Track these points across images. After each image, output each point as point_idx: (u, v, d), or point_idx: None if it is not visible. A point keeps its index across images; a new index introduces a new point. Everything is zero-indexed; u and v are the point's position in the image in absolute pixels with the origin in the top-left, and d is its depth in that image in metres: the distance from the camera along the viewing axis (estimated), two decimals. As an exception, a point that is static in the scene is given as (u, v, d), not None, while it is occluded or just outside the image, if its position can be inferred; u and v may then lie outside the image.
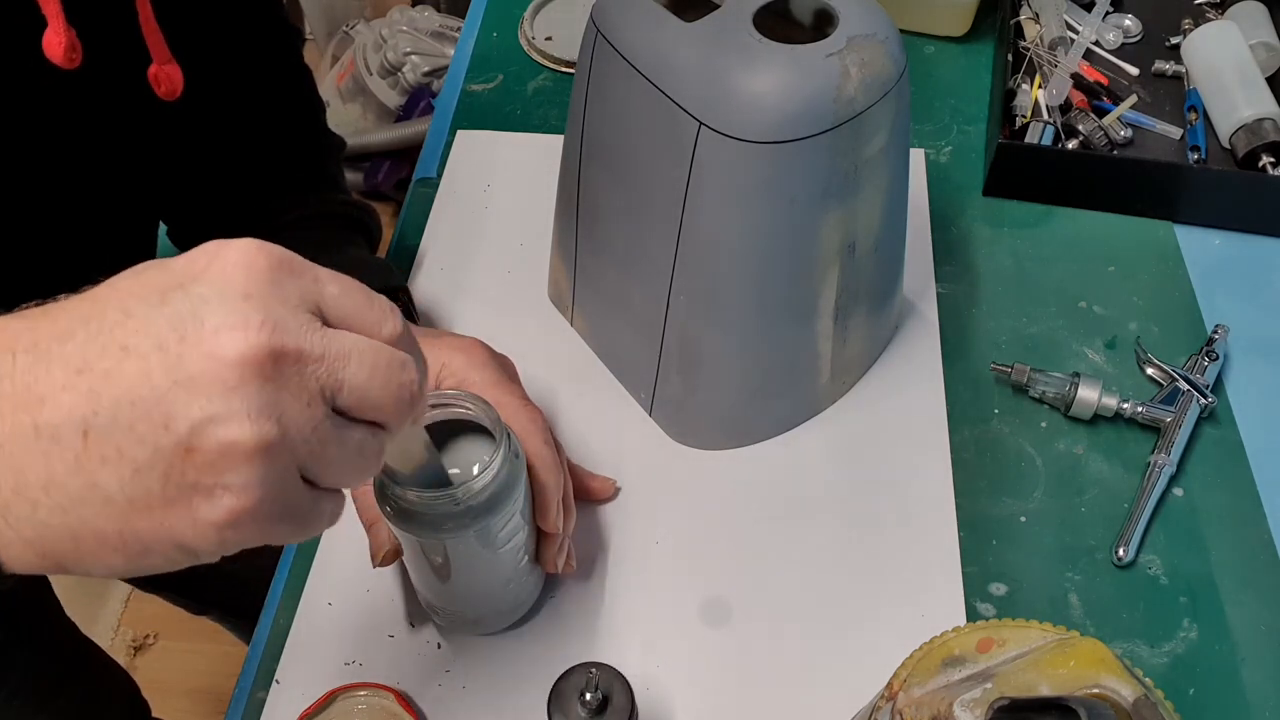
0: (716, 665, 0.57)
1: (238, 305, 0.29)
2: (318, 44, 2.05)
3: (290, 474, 0.31)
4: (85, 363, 0.28)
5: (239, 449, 0.29)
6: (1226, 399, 0.68)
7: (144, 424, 0.28)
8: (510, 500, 0.48)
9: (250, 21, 0.65)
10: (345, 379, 0.31)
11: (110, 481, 0.29)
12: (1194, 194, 0.77)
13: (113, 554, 0.30)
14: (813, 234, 0.57)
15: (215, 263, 0.30)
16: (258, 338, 0.29)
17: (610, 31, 0.57)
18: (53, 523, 0.29)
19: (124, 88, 0.53)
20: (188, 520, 0.29)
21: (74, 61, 0.46)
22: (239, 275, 0.29)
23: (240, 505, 0.29)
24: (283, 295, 0.30)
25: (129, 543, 0.30)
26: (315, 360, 0.30)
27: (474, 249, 0.77)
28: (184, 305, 0.29)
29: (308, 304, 0.31)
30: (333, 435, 0.31)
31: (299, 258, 0.31)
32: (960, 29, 0.92)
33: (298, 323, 0.30)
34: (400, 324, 0.34)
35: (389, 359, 0.32)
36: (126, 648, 1.43)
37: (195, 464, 0.29)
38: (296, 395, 0.30)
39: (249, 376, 0.28)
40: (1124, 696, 0.38)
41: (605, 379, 0.69)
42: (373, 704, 0.54)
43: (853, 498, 0.63)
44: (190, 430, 0.28)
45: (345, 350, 0.31)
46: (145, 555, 0.30)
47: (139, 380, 0.28)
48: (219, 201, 0.67)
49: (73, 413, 0.28)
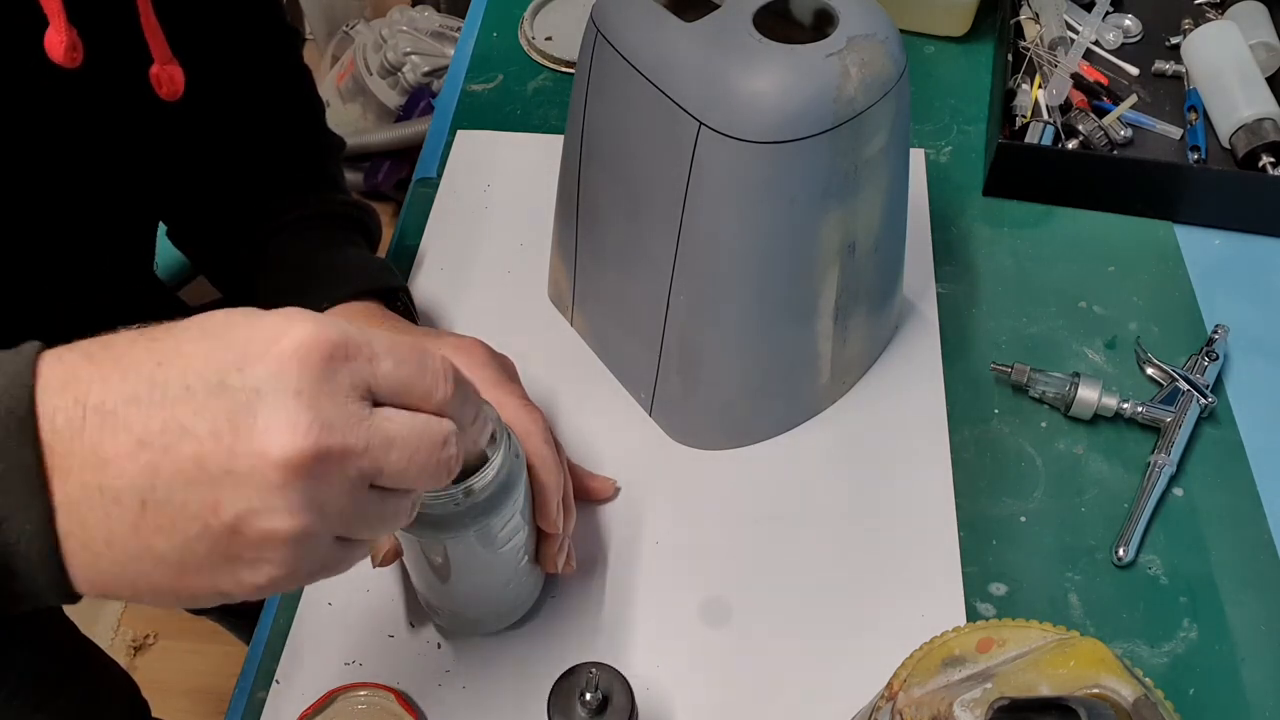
0: (716, 665, 0.57)
1: (288, 404, 0.31)
2: (318, 44, 2.05)
3: (325, 544, 0.33)
4: (148, 434, 0.31)
5: (279, 536, 0.31)
6: (1226, 399, 0.68)
7: (196, 504, 0.31)
8: (510, 500, 0.48)
9: (250, 22, 0.65)
10: (385, 466, 0.33)
11: (163, 547, 0.31)
12: (1194, 194, 0.77)
13: (167, 599, 0.33)
14: (813, 234, 0.57)
15: (274, 348, 0.31)
16: (304, 441, 0.31)
17: (610, 31, 0.57)
18: (113, 572, 0.32)
19: (125, 88, 0.53)
20: (232, 581, 0.33)
21: (75, 61, 0.46)
22: (293, 368, 0.31)
23: (280, 573, 0.33)
24: (332, 389, 0.32)
25: (179, 592, 0.33)
26: (358, 454, 0.32)
27: (474, 249, 0.77)
28: (240, 395, 0.31)
29: (359, 389, 0.33)
30: (369, 510, 0.34)
31: (356, 334, 0.33)
32: (960, 29, 0.92)
33: (344, 418, 0.32)
34: (450, 389, 0.35)
35: (430, 441, 0.34)
36: (126, 648, 1.43)
37: (239, 543, 0.32)
38: (337, 487, 0.32)
39: (291, 477, 0.31)
40: (1124, 696, 0.38)
41: (605, 379, 0.69)
42: (373, 704, 0.54)
43: (853, 497, 0.63)
44: (236, 518, 0.31)
45: (389, 439, 0.33)
46: (195, 601, 0.34)
47: (194, 465, 0.31)
48: (219, 201, 0.67)
49: (134, 482, 0.31)
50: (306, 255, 0.64)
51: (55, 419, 0.31)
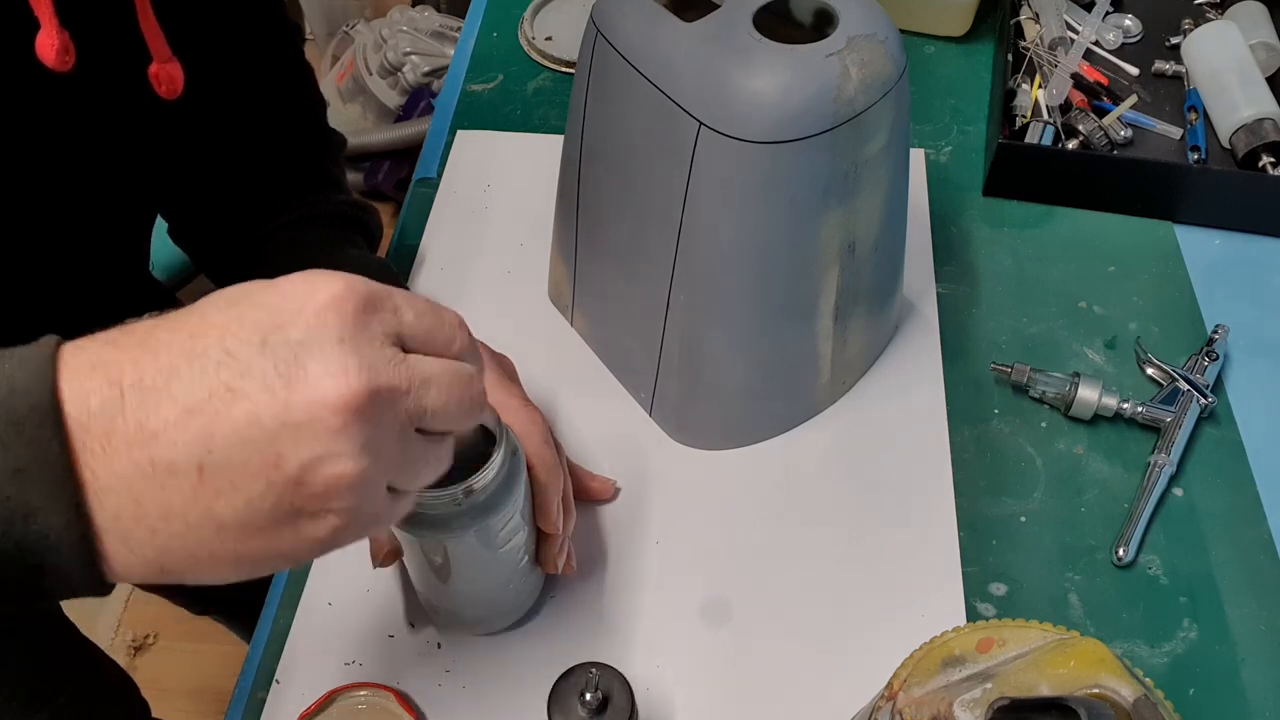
0: (716, 665, 0.57)
1: (334, 351, 0.32)
2: (318, 44, 2.05)
3: (381, 491, 0.34)
4: (195, 402, 0.31)
5: (344, 481, 0.32)
6: (1226, 399, 0.68)
7: (257, 461, 0.31)
8: (510, 500, 0.48)
9: (251, 20, 0.65)
10: (428, 405, 0.34)
11: (225, 510, 0.31)
12: (1194, 194, 0.77)
13: (226, 568, 0.33)
14: (813, 234, 0.57)
15: (309, 304, 0.32)
16: (356, 382, 0.31)
17: (610, 31, 0.57)
18: (172, 547, 0.32)
19: (122, 88, 0.53)
20: (294, 538, 0.33)
21: (67, 64, 0.45)
22: (332, 319, 0.32)
23: (341, 523, 0.33)
24: (370, 335, 0.33)
25: (241, 559, 0.33)
26: (403, 394, 0.33)
27: (474, 249, 0.77)
28: (284, 350, 0.31)
29: (390, 337, 0.34)
30: (419, 453, 0.35)
31: (379, 288, 0.34)
32: (960, 29, 0.92)
33: (385, 360, 0.33)
34: (466, 336, 0.37)
35: (459, 377, 0.36)
36: (126, 648, 1.43)
37: (304, 494, 0.32)
38: (389, 429, 0.33)
39: (350, 419, 0.31)
40: (1124, 696, 0.38)
41: (605, 379, 0.69)
42: (373, 704, 0.54)
43: (853, 497, 0.63)
44: (300, 468, 0.31)
45: (426, 377, 0.34)
46: (254, 568, 0.33)
47: (249, 422, 0.31)
48: (220, 200, 0.67)
49: (188, 451, 0.31)
50: (306, 254, 0.64)
51: (89, 402, 0.30)
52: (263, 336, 0.31)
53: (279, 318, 0.32)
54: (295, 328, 0.32)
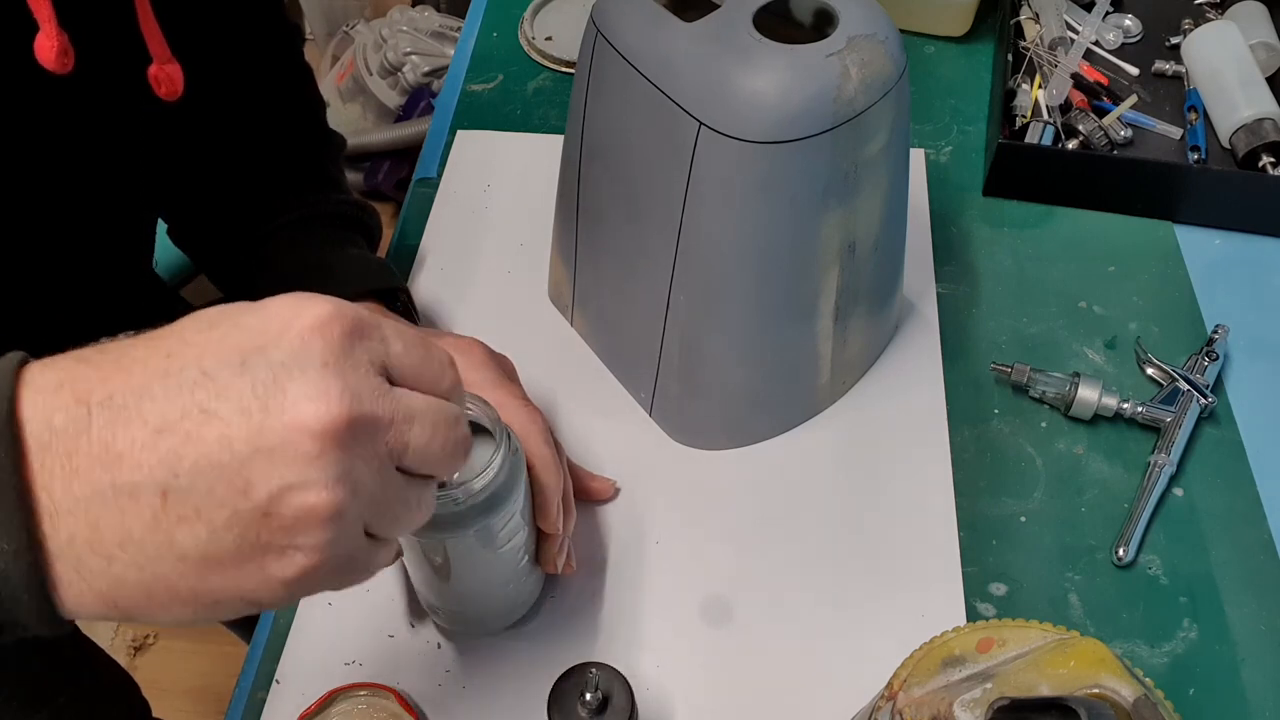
0: (716, 665, 0.57)
1: (317, 374, 0.30)
2: (318, 44, 2.05)
3: (357, 531, 0.32)
4: (165, 423, 0.29)
5: (316, 514, 0.30)
6: (1226, 399, 0.68)
7: (224, 488, 0.29)
8: (510, 500, 0.48)
9: (251, 20, 0.65)
10: (410, 441, 0.32)
11: (186, 540, 0.29)
12: (1194, 194, 0.77)
13: (182, 608, 0.31)
14: (813, 234, 0.57)
15: (293, 326, 0.31)
16: (337, 408, 0.30)
17: (610, 31, 0.57)
18: (127, 577, 0.30)
19: (121, 90, 0.53)
20: (259, 577, 0.31)
21: (66, 66, 0.45)
22: (317, 342, 0.30)
23: (310, 563, 0.31)
24: (355, 361, 0.31)
25: (200, 597, 0.31)
26: (385, 426, 0.32)
27: (474, 249, 0.77)
28: (264, 372, 0.30)
29: (376, 366, 0.32)
30: (398, 494, 0.33)
31: (368, 316, 0.33)
32: (960, 29, 0.92)
33: (370, 389, 0.31)
34: (455, 375, 0.36)
35: (445, 417, 0.34)
36: (126, 648, 1.43)
37: (271, 527, 0.30)
38: (369, 461, 0.31)
39: (328, 447, 0.30)
40: (1124, 696, 0.38)
41: (605, 379, 0.69)
42: (373, 704, 0.54)
43: (853, 498, 0.63)
44: (269, 497, 0.29)
45: (410, 413, 0.32)
46: (213, 609, 0.31)
47: (220, 446, 0.29)
48: (219, 201, 0.67)
49: (153, 473, 0.29)
50: (306, 255, 0.64)
51: (53, 420, 0.29)
52: (243, 358, 0.30)
53: (261, 339, 0.30)
54: (277, 349, 0.30)
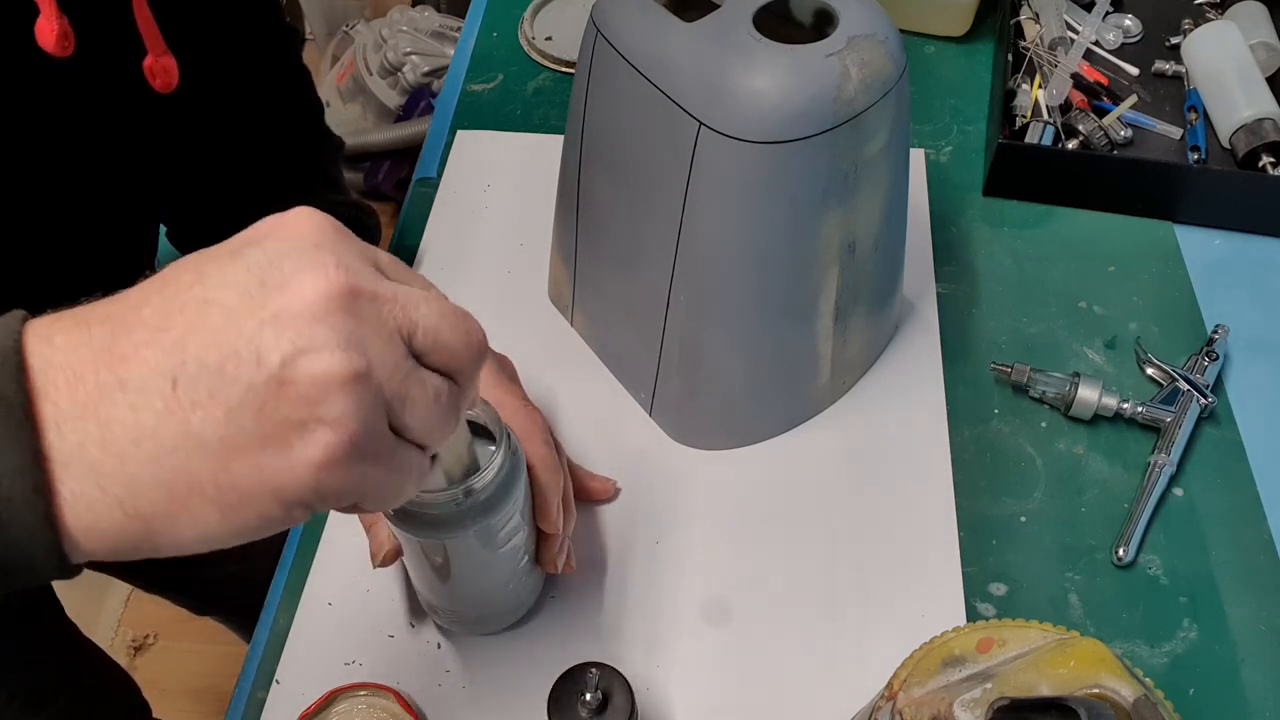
0: (716, 665, 0.57)
1: (312, 252, 0.30)
2: (318, 44, 2.05)
3: (379, 412, 0.30)
4: (166, 320, 0.29)
5: (332, 378, 0.29)
6: (1226, 399, 0.68)
7: (234, 363, 0.28)
8: (510, 500, 0.48)
9: (248, 21, 0.65)
10: (419, 320, 0.32)
11: (203, 425, 0.28)
12: (1194, 194, 0.77)
13: (208, 507, 0.29)
14: (813, 234, 0.57)
15: (280, 223, 0.31)
16: (336, 276, 0.30)
17: (610, 31, 0.57)
18: (144, 475, 0.29)
19: (119, 78, 0.53)
20: (284, 462, 0.29)
21: (67, 49, 0.45)
22: (307, 229, 0.31)
23: (336, 439, 0.29)
24: (348, 247, 0.31)
25: (225, 492, 0.29)
26: (389, 300, 0.31)
27: (474, 249, 0.77)
28: (259, 256, 0.30)
29: (369, 259, 0.32)
30: (414, 375, 0.31)
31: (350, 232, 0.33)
32: (960, 29, 0.92)
33: (366, 270, 0.31)
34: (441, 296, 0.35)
35: (453, 308, 0.33)
36: (126, 648, 1.43)
37: (289, 397, 0.29)
38: (377, 330, 0.30)
39: (333, 308, 0.29)
40: (1124, 696, 0.38)
41: (605, 379, 0.69)
42: (373, 704, 0.54)
43: (852, 497, 0.63)
44: (283, 363, 0.28)
45: (414, 296, 0.32)
46: (241, 507, 0.30)
47: (225, 324, 0.29)
48: (218, 202, 0.67)
49: (159, 364, 0.28)
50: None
51: (54, 340, 0.29)
52: (233, 252, 0.30)
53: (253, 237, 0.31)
54: (269, 240, 0.31)
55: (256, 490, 0.29)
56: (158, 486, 0.29)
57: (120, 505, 0.29)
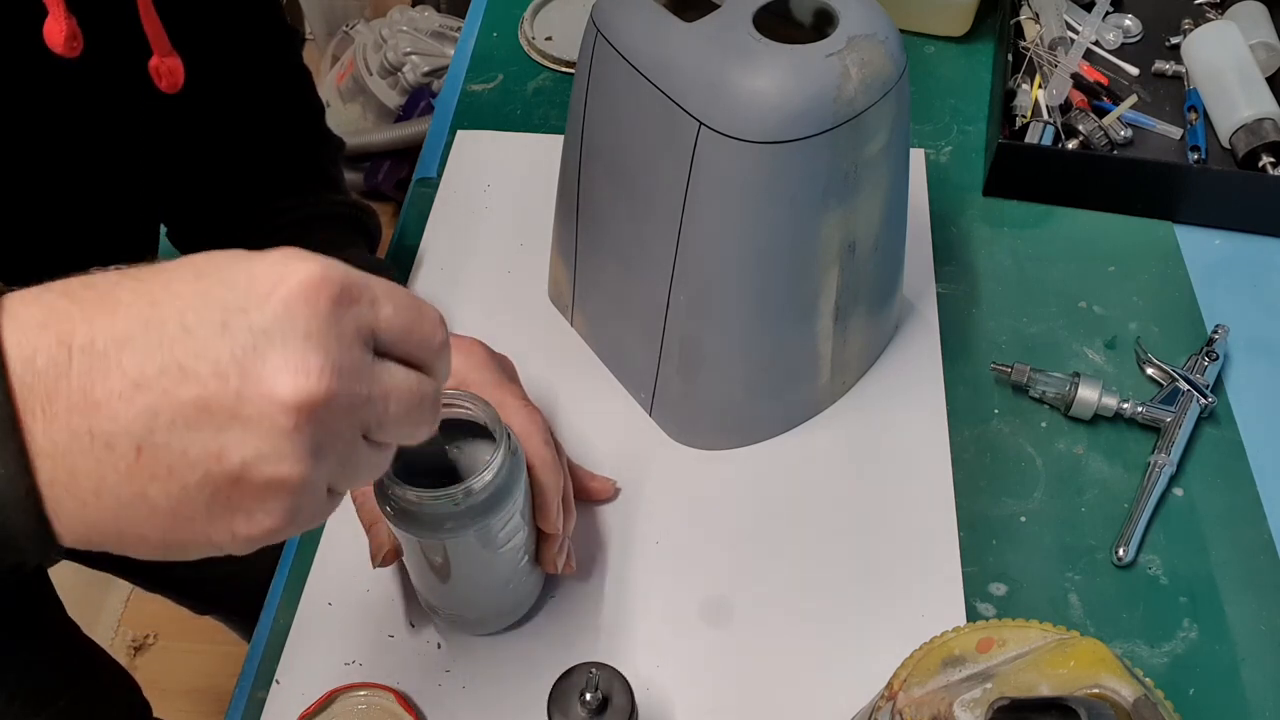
0: (716, 665, 0.57)
1: (298, 346, 0.30)
2: (318, 44, 2.05)
3: (321, 493, 0.33)
4: (144, 377, 0.29)
5: (285, 485, 0.30)
6: (1226, 399, 0.68)
7: (197, 450, 0.30)
8: (510, 500, 0.48)
9: (250, 21, 0.65)
10: (385, 417, 0.33)
11: (158, 495, 0.30)
12: (1194, 194, 0.77)
13: (151, 550, 0.32)
14: (813, 234, 0.57)
15: (279, 289, 0.30)
16: (316, 384, 0.30)
17: (610, 31, 0.57)
18: (100, 522, 0.30)
19: (125, 79, 0.53)
20: (225, 531, 0.31)
21: (75, 50, 0.46)
22: (302, 310, 0.30)
23: (274, 524, 0.31)
24: (340, 332, 0.31)
25: (169, 545, 0.32)
26: (363, 402, 0.32)
27: (474, 249, 0.77)
28: (245, 337, 0.30)
29: (363, 332, 0.32)
30: (363, 459, 0.33)
31: (358, 279, 0.32)
32: (960, 29, 0.92)
33: (353, 364, 0.31)
34: (444, 335, 0.35)
35: (422, 397, 0.34)
36: (126, 648, 1.43)
37: (240, 491, 0.30)
38: (340, 434, 0.32)
39: (303, 421, 0.30)
40: (1124, 696, 0.38)
41: (605, 379, 0.69)
42: (373, 704, 0.54)
43: (852, 497, 0.63)
44: (241, 464, 0.30)
45: (387, 390, 0.33)
46: (181, 553, 0.32)
47: (196, 409, 0.29)
48: (219, 203, 0.67)
49: (130, 426, 0.29)
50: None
51: (35, 360, 0.29)
52: (225, 318, 0.30)
53: (246, 300, 0.30)
54: (261, 314, 0.30)
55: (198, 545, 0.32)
56: (110, 533, 0.31)
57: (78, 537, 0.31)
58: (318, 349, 0.30)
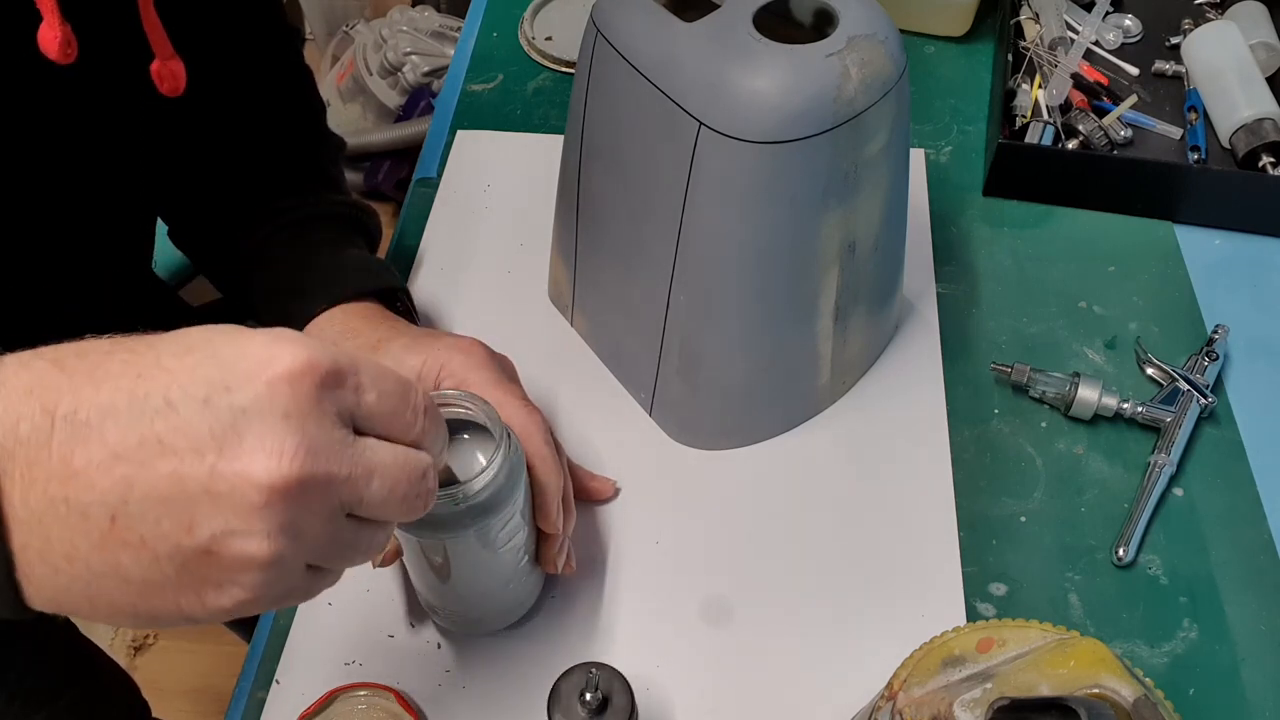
0: (716, 665, 0.57)
1: (277, 426, 0.30)
2: (318, 44, 2.05)
3: (297, 570, 0.33)
4: (123, 448, 0.30)
5: (254, 561, 0.31)
6: (1226, 399, 0.68)
7: (169, 522, 0.30)
8: (510, 500, 0.48)
9: (250, 21, 0.65)
10: (366, 495, 0.33)
11: (130, 565, 0.30)
12: (1194, 194, 0.77)
13: (122, 618, 0.32)
14: (813, 234, 0.57)
15: (265, 371, 0.31)
16: (290, 466, 0.30)
17: (610, 31, 0.57)
18: (72, 589, 0.31)
19: (124, 83, 0.53)
20: (196, 603, 0.32)
21: (69, 57, 0.45)
22: (284, 392, 0.31)
23: (246, 597, 0.32)
24: (320, 414, 0.31)
25: (140, 613, 0.32)
26: (341, 482, 0.32)
27: (474, 249, 0.77)
28: (226, 415, 0.30)
29: (344, 418, 0.32)
30: (344, 539, 0.33)
31: (346, 362, 0.33)
32: (960, 29, 0.92)
33: (330, 443, 0.31)
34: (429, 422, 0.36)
35: (410, 472, 0.34)
36: (126, 648, 1.43)
37: (210, 564, 0.31)
38: (317, 514, 0.32)
39: (274, 500, 0.30)
40: (1124, 696, 0.38)
41: (605, 379, 0.69)
42: (373, 704, 0.54)
43: (853, 498, 0.63)
44: (211, 538, 0.30)
45: (370, 468, 0.33)
46: (152, 623, 0.33)
47: (171, 481, 0.30)
48: (219, 201, 0.67)
49: (105, 496, 0.30)
50: (306, 256, 0.64)
51: (19, 428, 0.29)
52: (207, 395, 0.30)
53: (230, 378, 0.31)
54: (243, 393, 0.30)
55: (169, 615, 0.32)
56: (82, 600, 0.31)
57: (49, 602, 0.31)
58: (295, 430, 0.30)
